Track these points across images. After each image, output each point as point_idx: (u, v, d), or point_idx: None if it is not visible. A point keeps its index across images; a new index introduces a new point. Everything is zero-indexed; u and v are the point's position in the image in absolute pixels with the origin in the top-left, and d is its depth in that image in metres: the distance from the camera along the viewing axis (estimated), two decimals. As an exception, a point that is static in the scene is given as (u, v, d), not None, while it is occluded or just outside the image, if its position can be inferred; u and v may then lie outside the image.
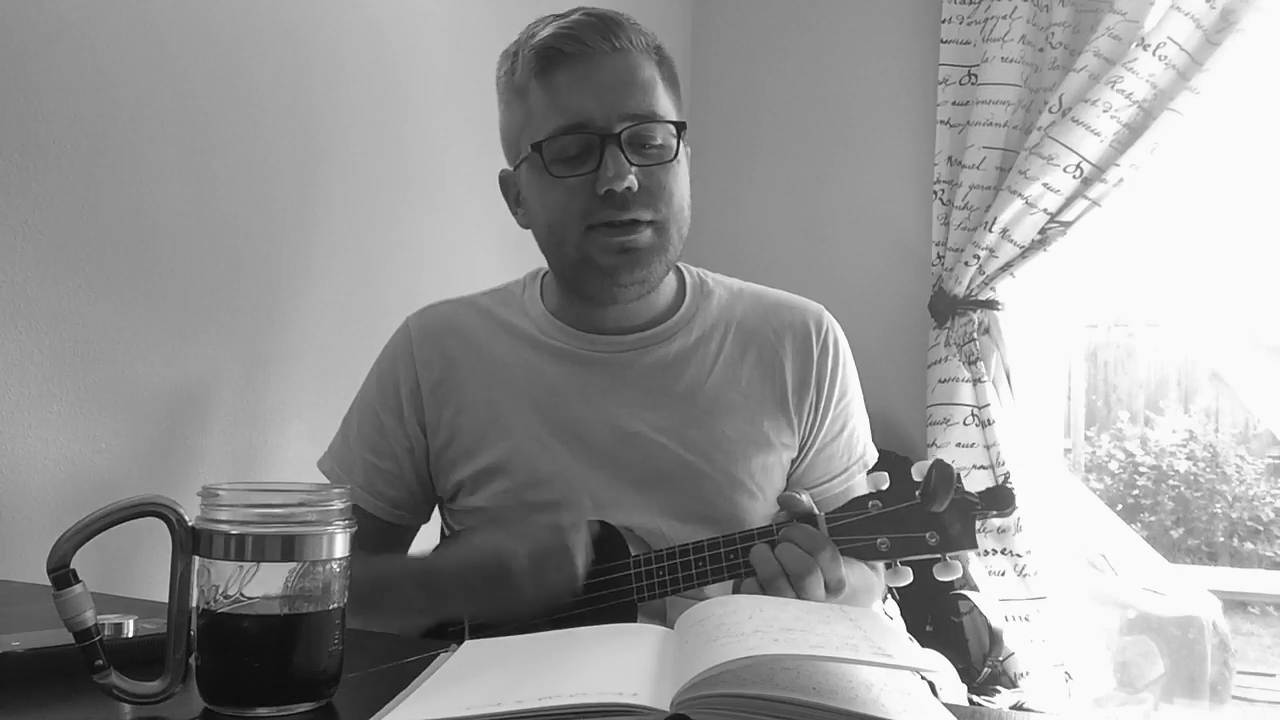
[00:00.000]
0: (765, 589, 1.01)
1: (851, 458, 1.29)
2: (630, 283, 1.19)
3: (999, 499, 1.01)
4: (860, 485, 1.29)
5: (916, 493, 1.01)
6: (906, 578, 1.03)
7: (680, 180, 1.20)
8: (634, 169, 1.14)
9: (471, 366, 1.27)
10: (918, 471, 1.01)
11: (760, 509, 1.22)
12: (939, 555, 1.01)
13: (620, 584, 1.11)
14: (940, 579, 1.01)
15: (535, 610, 1.07)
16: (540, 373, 1.25)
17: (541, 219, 1.21)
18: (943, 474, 0.98)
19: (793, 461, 1.27)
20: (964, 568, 2.28)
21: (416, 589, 1.17)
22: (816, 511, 1.06)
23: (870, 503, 1.03)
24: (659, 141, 1.17)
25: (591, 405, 1.23)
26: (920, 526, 1.01)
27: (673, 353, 1.26)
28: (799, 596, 1.01)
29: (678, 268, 1.32)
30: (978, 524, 1.00)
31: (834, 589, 1.02)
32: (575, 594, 1.06)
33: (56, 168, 1.39)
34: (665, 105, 1.19)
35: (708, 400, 1.24)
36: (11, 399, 1.35)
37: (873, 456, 1.32)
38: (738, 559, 1.06)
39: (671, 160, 1.18)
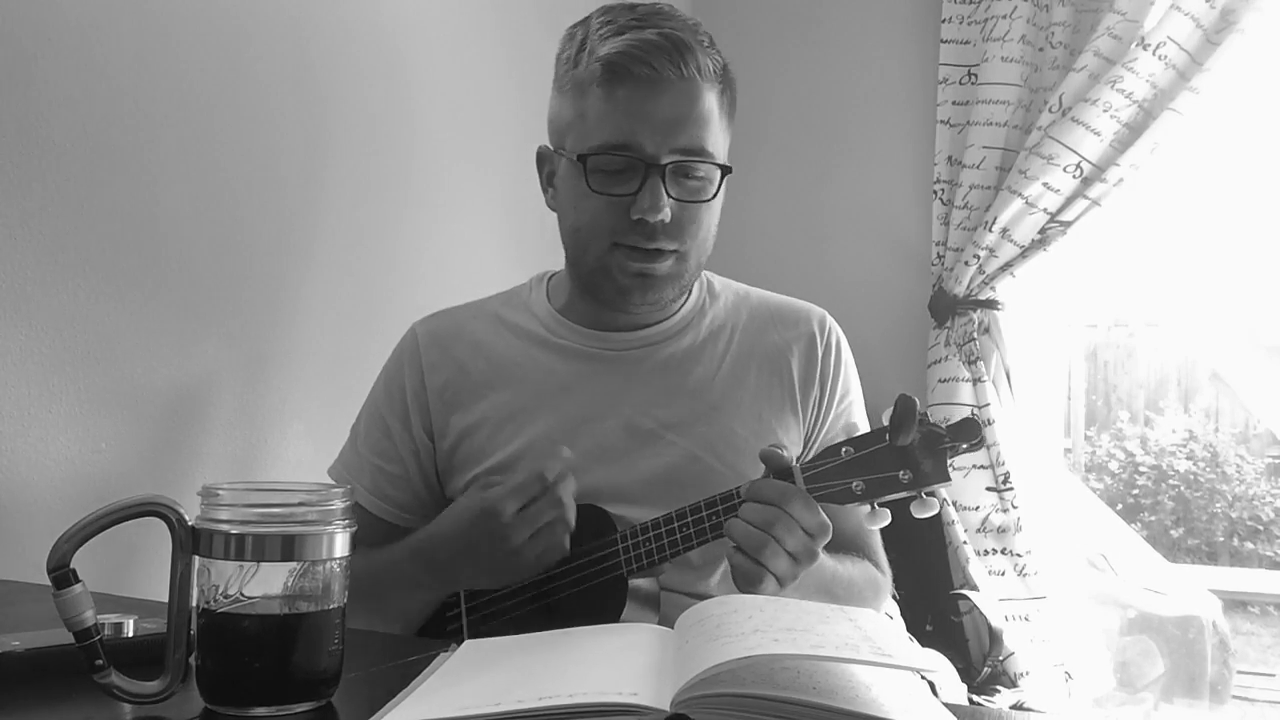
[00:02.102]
0: (748, 550, 1.02)
1: None
2: (643, 304, 1.23)
3: (965, 430, 1.01)
4: None
5: (885, 434, 1.01)
6: (885, 519, 1.04)
7: (713, 216, 1.22)
8: (671, 201, 1.16)
9: (481, 370, 1.28)
10: (886, 415, 1.02)
11: None
12: (914, 492, 1.01)
13: (609, 559, 1.12)
14: (918, 516, 1.01)
15: (529, 560, 1.08)
16: (550, 371, 1.27)
17: (570, 220, 1.23)
18: (904, 406, 0.99)
19: (798, 459, 1.27)
20: (964, 569, 2.28)
21: (415, 560, 1.17)
22: (793, 464, 1.07)
23: (843, 449, 1.04)
24: (701, 174, 1.18)
25: (602, 402, 1.24)
26: (893, 466, 1.01)
27: (682, 349, 1.27)
28: (782, 547, 1.02)
29: None
30: (949, 458, 1.00)
31: (816, 533, 1.03)
32: (568, 528, 1.08)
33: (56, 168, 1.39)
34: (717, 139, 1.20)
35: (716, 397, 1.25)
36: (12, 399, 1.35)
37: None
38: (720, 519, 1.08)
39: (710, 200, 1.19)
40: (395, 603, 1.17)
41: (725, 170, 1.20)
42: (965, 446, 1.01)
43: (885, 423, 1.01)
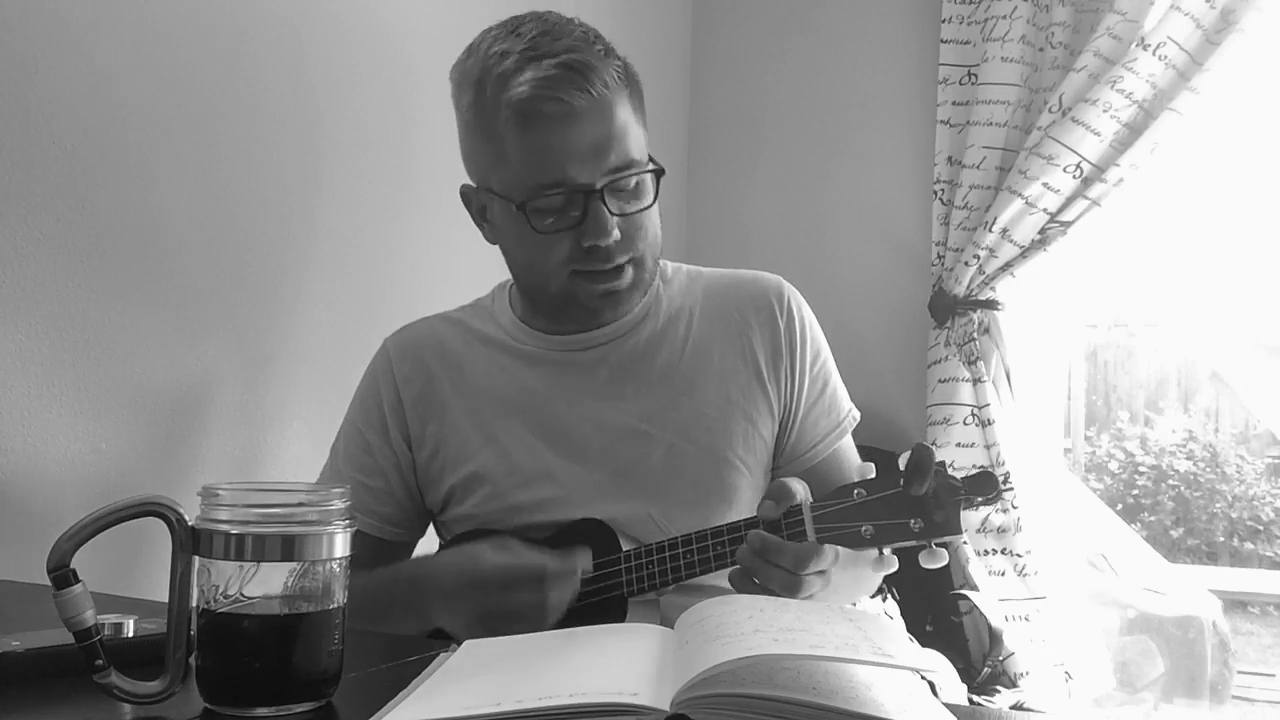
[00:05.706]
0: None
1: (840, 415, 1.31)
2: (613, 320, 1.25)
3: (983, 484, 0.99)
4: (851, 444, 1.32)
5: (900, 479, 1.00)
6: (892, 565, 1.02)
7: (655, 216, 1.22)
8: (615, 219, 1.16)
9: (451, 378, 1.29)
10: (904, 460, 1.00)
11: (747, 483, 1.24)
12: (923, 542, 0.99)
13: (610, 578, 1.13)
14: (926, 567, 0.99)
15: (497, 633, 1.07)
16: (517, 378, 1.28)
17: (520, 258, 1.24)
18: (920, 456, 0.98)
19: (780, 434, 1.28)
20: (964, 569, 2.28)
21: (410, 588, 1.17)
22: (803, 499, 1.05)
23: (855, 491, 1.03)
24: (635, 184, 1.19)
25: (572, 404, 1.25)
26: (904, 513, 0.99)
27: (644, 339, 1.28)
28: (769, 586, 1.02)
29: None
30: (964, 510, 0.99)
31: (796, 569, 1.02)
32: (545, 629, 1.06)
33: (56, 168, 1.39)
34: (638, 143, 1.19)
35: (684, 381, 1.26)
36: (11, 399, 1.35)
37: (857, 415, 1.34)
38: (724, 549, 1.08)
39: (650, 206, 1.20)
40: (389, 625, 1.17)
41: (659, 173, 1.20)
42: (981, 500, 0.99)
43: (901, 466, 1.00)
